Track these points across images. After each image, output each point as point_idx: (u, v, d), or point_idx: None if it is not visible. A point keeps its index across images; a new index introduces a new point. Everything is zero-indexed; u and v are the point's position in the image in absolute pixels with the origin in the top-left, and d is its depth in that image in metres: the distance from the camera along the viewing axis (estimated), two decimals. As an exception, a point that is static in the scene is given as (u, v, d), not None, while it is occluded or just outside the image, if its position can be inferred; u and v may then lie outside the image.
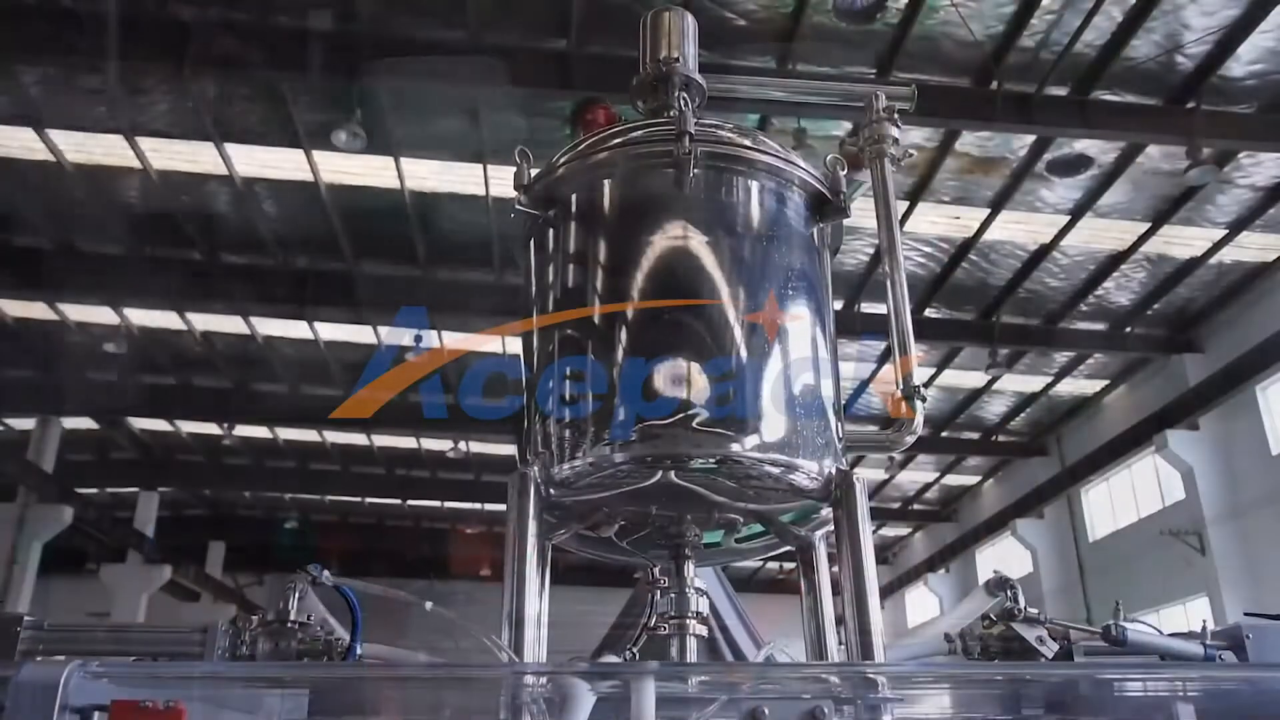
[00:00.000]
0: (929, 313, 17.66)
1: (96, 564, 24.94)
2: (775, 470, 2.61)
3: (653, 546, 2.89)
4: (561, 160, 3.04)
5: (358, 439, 23.38)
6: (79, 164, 14.29)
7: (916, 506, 29.70)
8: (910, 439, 3.04)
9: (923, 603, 30.66)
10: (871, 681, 2.01)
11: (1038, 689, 2.21)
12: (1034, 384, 21.48)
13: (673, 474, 2.55)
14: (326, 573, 2.52)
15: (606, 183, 2.96)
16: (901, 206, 14.43)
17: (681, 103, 2.96)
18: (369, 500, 28.05)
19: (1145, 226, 15.55)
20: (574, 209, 3.00)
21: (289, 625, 2.88)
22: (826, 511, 2.78)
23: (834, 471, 2.70)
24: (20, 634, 2.87)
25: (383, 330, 18.55)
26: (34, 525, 20.44)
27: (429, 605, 2.52)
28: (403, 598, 2.52)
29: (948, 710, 2.72)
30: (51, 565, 21.97)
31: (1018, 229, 15.80)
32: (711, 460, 2.57)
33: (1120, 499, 22.37)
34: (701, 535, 2.84)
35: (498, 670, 2.03)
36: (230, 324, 18.54)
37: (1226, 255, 16.40)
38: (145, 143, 13.92)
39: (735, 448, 2.58)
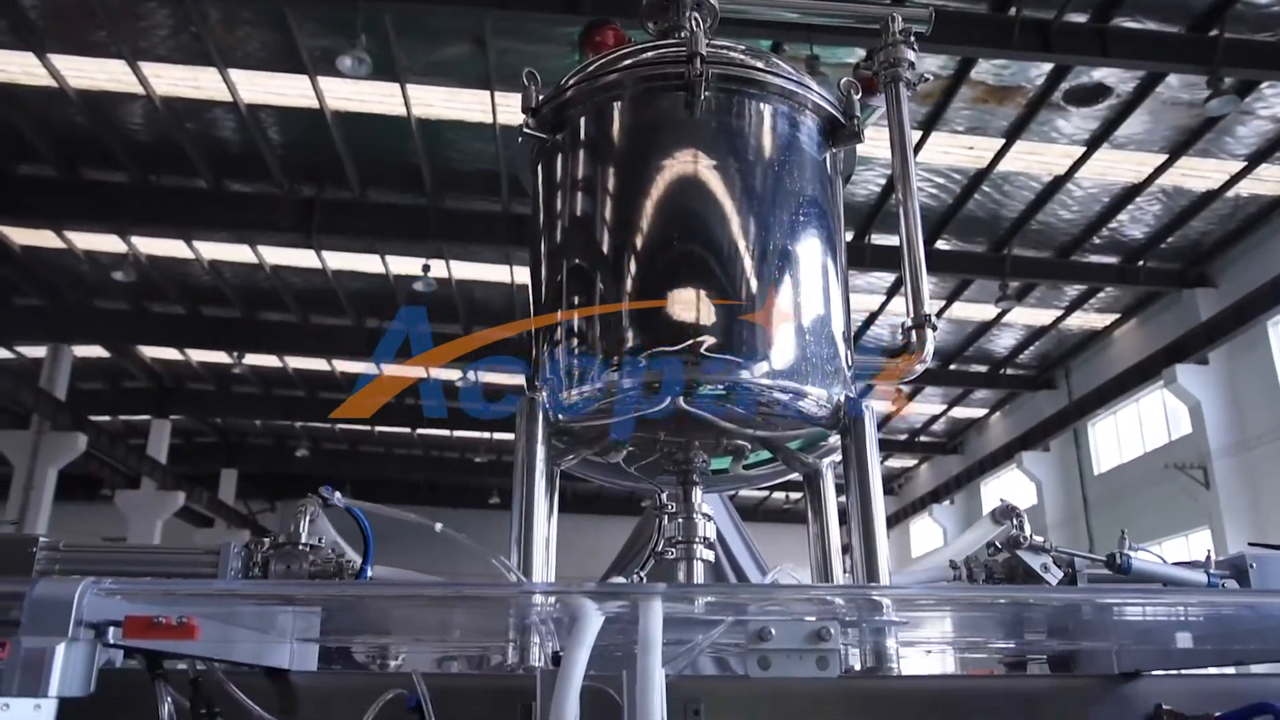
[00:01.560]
0: (940, 245, 17.52)
1: (111, 490, 25.30)
2: (784, 397, 2.60)
3: (660, 473, 2.90)
4: (570, 82, 2.99)
5: (367, 368, 23.49)
6: (81, 89, 14.14)
7: (923, 438, 29.83)
8: (920, 368, 3.03)
9: (927, 533, 31.00)
10: (876, 604, 2.03)
11: (1041, 613, 2.23)
12: (1044, 317, 21.40)
13: (681, 400, 2.54)
14: (338, 494, 2.54)
15: (615, 105, 2.91)
16: (915, 136, 14.22)
17: (693, 23, 2.90)
18: (378, 429, 28.26)
19: (1162, 158, 15.32)
20: (582, 132, 2.95)
21: (300, 548, 2.91)
22: (834, 439, 2.78)
23: (843, 399, 2.69)
24: (36, 554, 2.92)
25: (390, 259, 18.51)
26: (49, 452, 20.69)
27: (439, 526, 2.54)
28: (412, 519, 2.54)
29: (951, 635, 2.76)
30: (67, 491, 22.30)
31: (1032, 160, 15.58)
32: (720, 387, 2.56)
33: (1126, 433, 22.44)
34: (709, 462, 2.85)
35: (507, 590, 2.05)
36: (238, 253, 18.49)
37: (1244, 188, 16.17)
38: (148, 68, 13.74)
39: (744, 374, 2.57)
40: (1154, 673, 2.64)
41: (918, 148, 14.69)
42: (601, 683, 2.04)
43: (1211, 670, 2.76)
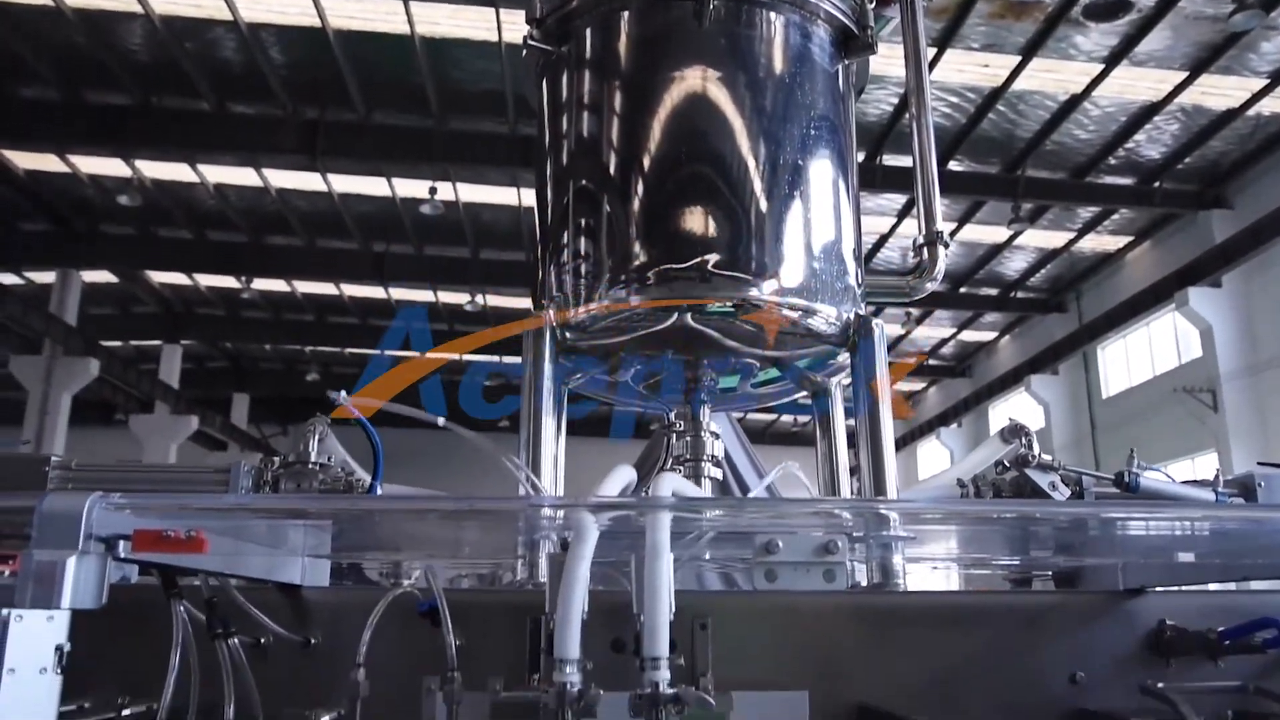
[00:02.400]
0: (953, 166, 17.27)
1: (125, 415, 25.54)
2: (793, 315, 2.58)
3: (668, 391, 2.90)
4: (575, -8, 2.91)
5: (375, 292, 23.46)
6: (79, 8, 13.87)
7: (932, 362, 29.83)
8: (930, 286, 3.00)
9: (934, 456, 31.19)
10: (883, 518, 2.03)
11: (1047, 528, 2.23)
12: (1056, 240, 21.18)
13: (689, 318, 2.52)
14: (343, 394, 2.54)
15: (622, 15, 2.84)
16: (929, 54, 13.90)
17: (702, -72, 2.80)
18: (388, 353, 28.37)
19: (1182, 76, 14.97)
20: (588, 44, 2.88)
21: (310, 466, 2.93)
22: (844, 357, 2.77)
23: (852, 317, 2.67)
24: (49, 473, 2.95)
25: (396, 182, 18.35)
26: (62, 377, 20.84)
27: (441, 421, 2.54)
28: (420, 416, 2.54)
29: (957, 551, 2.77)
30: (82, 417, 22.51)
31: (1048, 78, 15.24)
32: (728, 304, 2.54)
33: (1136, 356, 22.38)
34: (717, 380, 2.85)
35: (516, 503, 2.06)
36: (243, 176, 18.34)
37: (1265, 106, 15.83)
38: (145, -16, 13.46)
39: (753, 292, 2.55)
40: (1158, 589, 2.65)
41: (931, 65, 14.36)
42: (610, 597, 2.06)
43: (1215, 586, 2.77)
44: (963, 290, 23.22)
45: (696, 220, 2.62)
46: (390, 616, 2.26)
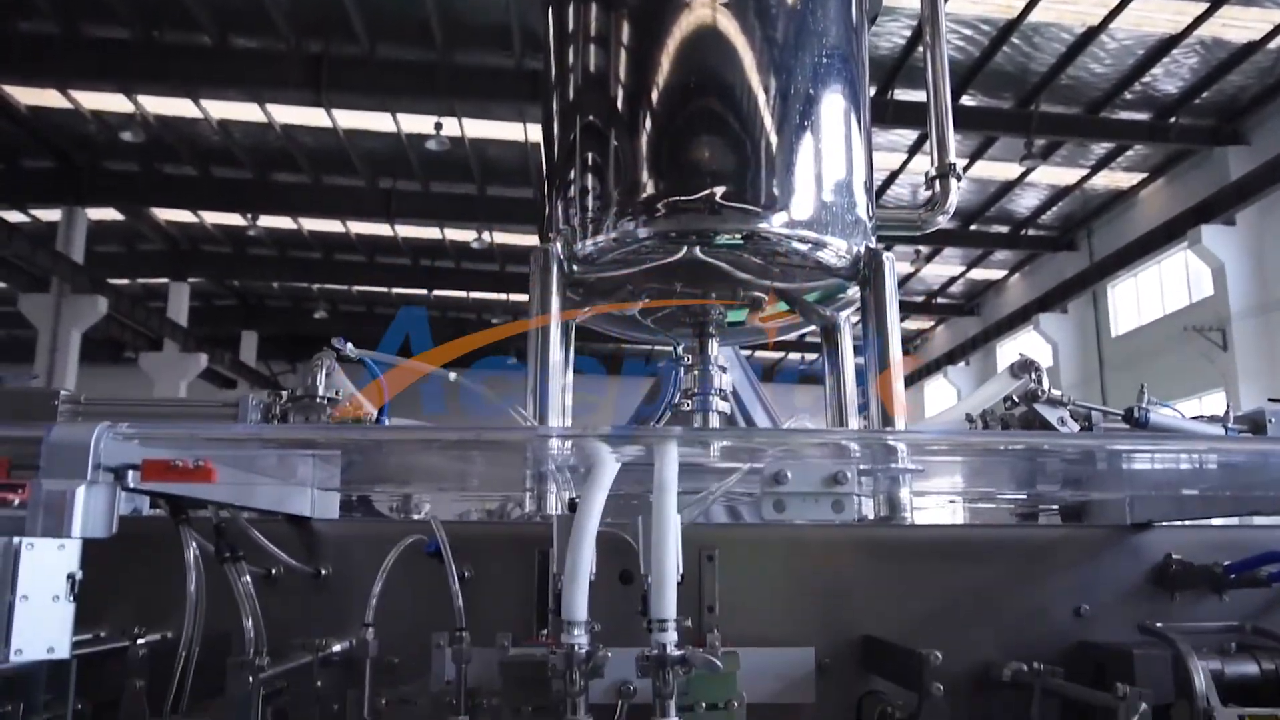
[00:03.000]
0: (965, 100, 16.98)
1: (135, 353, 25.63)
2: (803, 247, 2.55)
3: (677, 325, 2.88)
4: (581, -85, 2.83)
5: (382, 229, 23.34)
6: (75, -62, 13.61)
7: (940, 300, 29.68)
8: (942, 219, 2.96)
9: (942, 395, 31.22)
10: (891, 449, 2.03)
11: (1055, 461, 2.22)
12: (1069, 176, 20.91)
13: (698, 250, 2.50)
14: (349, 345, 2.53)
15: (630, -58, 2.76)
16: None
17: None
18: (395, 290, 28.30)
19: (1203, 7, 14.61)
20: (595, -29, 2.81)
21: (318, 400, 2.94)
22: (853, 291, 2.74)
23: (863, 250, 2.64)
24: (59, 407, 2.96)
25: (402, 118, 18.14)
26: (70, 315, 20.85)
27: (452, 376, 2.54)
28: (427, 369, 2.53)
29: (964, 485, 2.78)
30: (92, 355, 22.58)
31: (1064, 9, 14.89)
32: (738, 236, 2.51)
33: (1146, 295, 22.22)
34: (725, 314, 2.83)
35: (524, 434, 2.06)
36: (247, 112, 18.13)
37: (1286, 38, 15.49)
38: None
39: (762, 224, 2.52)
40: (1165, 524, 2.66)
41: (946, -4, 14.05)
42: (617, 529, 2.07)
43: (1221, 521, 2.78)
44: (973, 228, 23.01)
45: (705, 151, 2.58)
46: (400, 557, 2.28)
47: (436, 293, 28.15)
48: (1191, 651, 2.05)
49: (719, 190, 2.49)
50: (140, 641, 2.15)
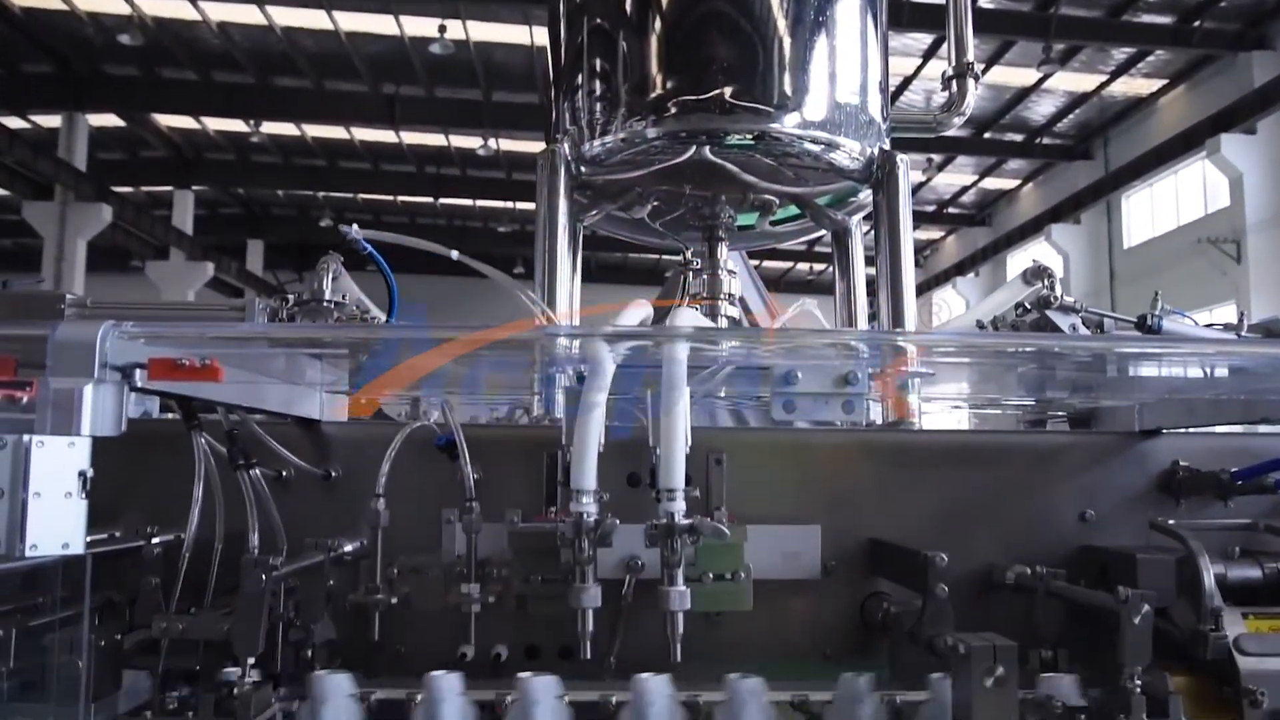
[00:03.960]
0: (982, 2, 16.51)
1: (141, 262, 25.60)
2: (815, 149, 2.50)
3: (685, 228, 2.84)
4: None
5: (386, 136, 23.03)
6: None
7: (951, 210, 29.37)
8: (958, 120, 2.89)
9: (950, 305, 31.16)
10: (901, 350, 2.01)
11: (1065, 366, 2.20)
12: (1087, 83, 20.43)
13: (707, 151, 2.44)
14: (355, 227, 2.50)
15: None
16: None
17: None
18: (401, 199, 28.07)
19: (1233, -97, 14.09)
20: None
21: (325, 304, 2.93)
22: (865, 194, 2.69)
23: (876, 151, 2.58)
24: (65, 310, 2.95)
25: (405, 20, 17.73)
26: (75, 223, 20.76)
27: (455, 254, 2.51)
28: (434, 249, 2.51)
29: (973, 390, 2.77)
30: (98, 264, 22.55)
31: (1090, -94, 14.37)
32: (749, 136, 2.45)
33: (1161, 206, 21.95)
34: (735, 217, 2.78)
35: (531, 332, 2.05)
36: (246, 13, 17.73)
37: (1320, -63, 14.96)
38: None
39: (774, 124, 2.46)
40: (1174, 430, 2.65)
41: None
42: (626, 433, 2.07)
43: (1230, 429, 2.77)
44: (987, 136, 22.62)
45: (716, 49, 2.51)
46: (409, 451, 2.29)
47: (443, 200, 27.94)
48: (1201, 549, 2.05)
49: (729, 89, 2.42)
50: (155, 541, 2.17)
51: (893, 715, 1.98)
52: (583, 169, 2.56)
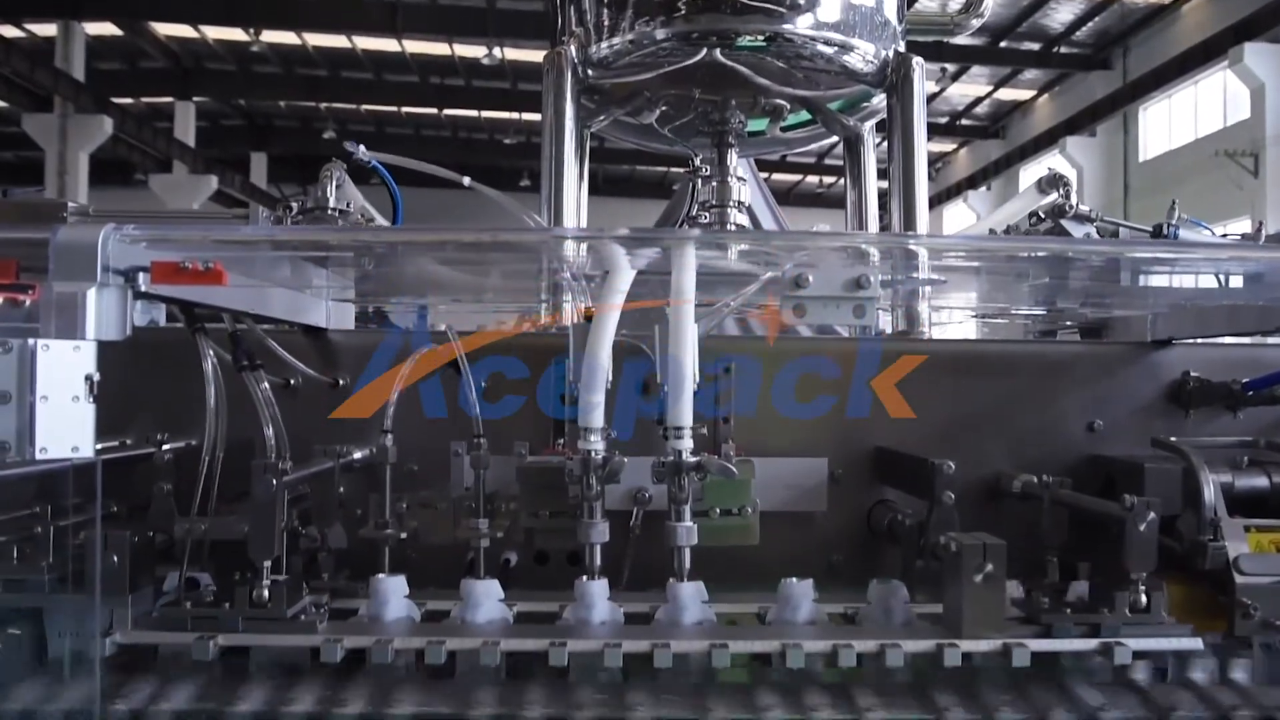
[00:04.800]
0: (1003, -96, 15.96)
1: (144, 175, 25.39)
2: (828, 50, 2.43)
3: (694, 135, 2.78)
4: None
5: (389, 45, 22.57)
6: None
7: (964, 122, 28.84)
8: (977, 22, 2.81)
9: (961, 220, 30.84)
10: (913, 257, 1.98)
11: (1078, 274, 2.17)
12: (1108, -12, 19.87)
13: (718, 53, 2.38)
14: (362, 147, 2.46)
15: None
16: None
17: None
18: (405, 110, 27.66)
19: None
20: None
21: (329, 212, 2.88)
22: (879, 99, 2.63)
23: (891, 54, 2.51)
24: (67, 219, 2.93)
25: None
26: (76, 135, 20.52)
27: (467, 181, 2.48)
28: (440, 172, 2.47)
29: (984, 300, 2.74)
30: (101, 178, 22.37)
31: None
32: (760, 38, 2.38)
33: (1180, 118, 21.52)
34: (745, 123, 2.72)
35: (539, 235, 2.02)
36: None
37: None
38: None
39: (786, 25, 2.39)
40: (1185, 341, 2.64)
41: None
42: (635, 340, 2.06)
43: (1241, 340, 2.75)
44: (1002, 45, 22.08)
45: (727, -56, 2.42)
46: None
47: (447, 112, 27.53)
48: (1202, 464, 2.05)
49: (741, -13, 2.35)
50: (165, 448, 2.19)
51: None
52: (589, 72, 2.50)
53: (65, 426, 1.53)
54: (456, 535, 2.07)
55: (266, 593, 1.83)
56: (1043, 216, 2.93)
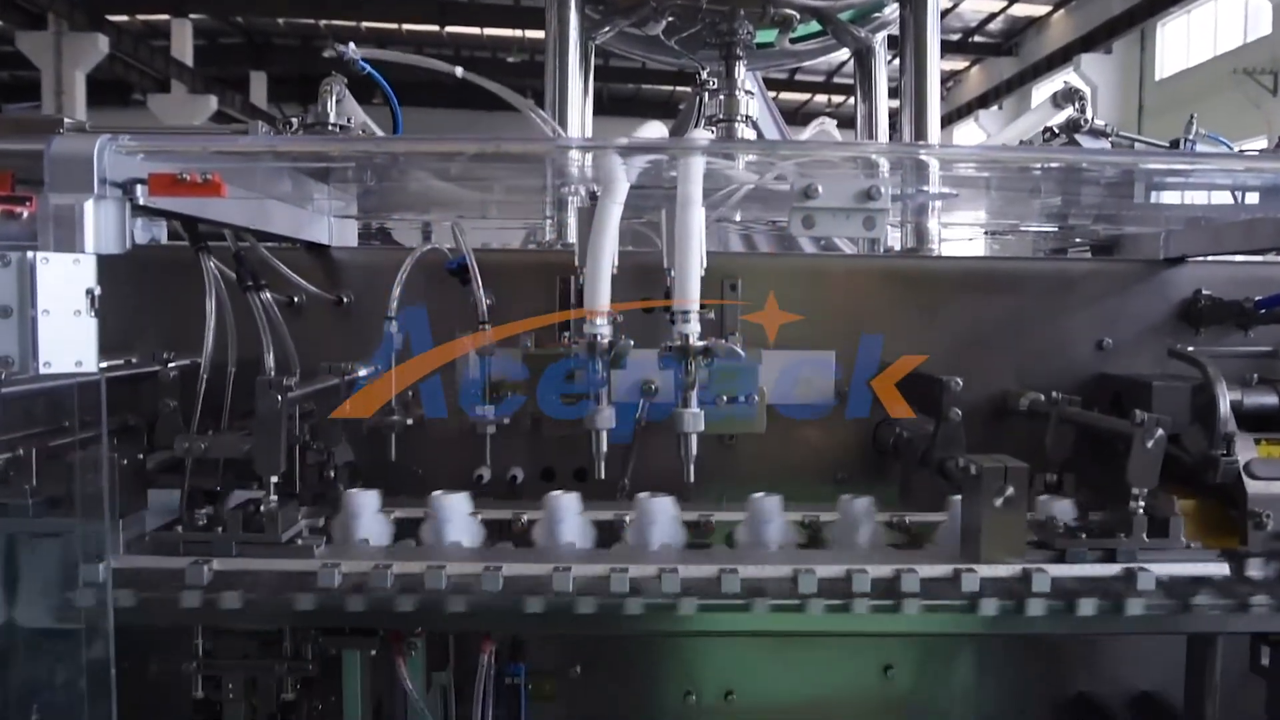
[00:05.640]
0: None
1: (142, 95, 25.04)
2: (840, -45, 2.35)
3: (702, 47, 2.72)
4: None
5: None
6: None
7: (977, 39, 28.20)
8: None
9: (972, 139, 30.39)
10: (924, 168, 1.94)
11: (1091, 189, 2.12)
12: (1129, -104, 19.23)
13: (726, -42, 2.30)
14: (352, 45, 2.41)
15: None
16: None
17: None
18: (406, 27, 27.13)
19: None
20: None
21: (329, 127, 2.83)
22: (890, 9, 2.56)
23: (905, -40, 2.43)
24: (63, 133, 2.87)
25: None
26: (72, 54, 20.19)
27: (459, 71, 2.41)
28: (435, 65, 2.41)
29: (995, 216, 2.70)
30: (99, 98, 22.04)
31: None
32: (770, -59, 2.31)
33: (1198, 34, 21.03)
34: (754, 34, 2.65)
35: (542, 144, 1.98)
36: None
37: None
38: None
39: (797, -73, 2.31)
40: (1198, 259, 2.60)
41: None
42: (641, 257, 2.03)
43: (1253, 258, 2.72)
44: (1019, -44, 21.48)
45: None
46: (419, 276, 2.27)
47: (449, 29, 26.98)
48: (1219, 375, 2.03)
49: (751, -111, 2.26)
50: (170, 365, 2.18)
51: (903, 534, 2.02)
52: (594, -20, 2.43)
53: (68, 341, 1.51)
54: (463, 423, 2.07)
55: (264, 511, 1.83)
56: (1057, 132, 2.87)
